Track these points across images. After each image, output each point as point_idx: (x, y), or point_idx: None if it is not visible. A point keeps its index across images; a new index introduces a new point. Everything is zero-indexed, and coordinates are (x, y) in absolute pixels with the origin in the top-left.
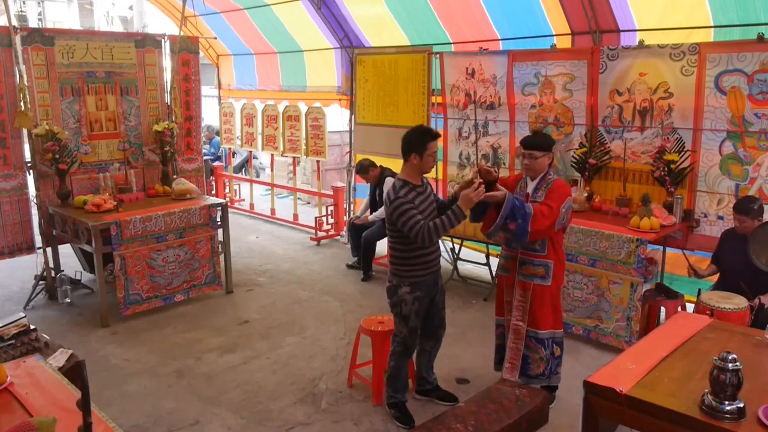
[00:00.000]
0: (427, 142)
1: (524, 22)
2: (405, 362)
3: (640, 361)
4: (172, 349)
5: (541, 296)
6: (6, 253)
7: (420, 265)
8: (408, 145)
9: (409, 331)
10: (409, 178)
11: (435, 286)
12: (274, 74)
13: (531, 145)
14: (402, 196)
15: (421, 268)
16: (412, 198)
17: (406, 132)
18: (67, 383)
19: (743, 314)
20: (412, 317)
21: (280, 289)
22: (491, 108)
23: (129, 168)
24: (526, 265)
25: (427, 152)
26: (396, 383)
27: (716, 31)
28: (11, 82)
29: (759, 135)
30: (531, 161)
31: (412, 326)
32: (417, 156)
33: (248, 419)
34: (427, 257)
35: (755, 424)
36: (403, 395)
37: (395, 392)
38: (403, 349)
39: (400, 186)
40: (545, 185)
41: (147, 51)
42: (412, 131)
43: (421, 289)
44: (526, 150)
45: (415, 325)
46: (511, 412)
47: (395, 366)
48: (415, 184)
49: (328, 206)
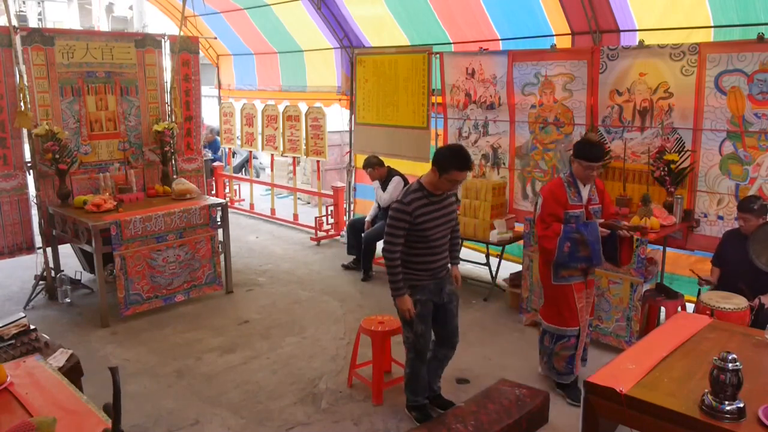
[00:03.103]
0: (451, 169)
1: (524, 22)
2: (420, 367)
3: (640, 361)
4: (172, 349)
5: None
6: (6, 253)
7: (422, 270)
8: (436, 158)
9: (416, 336)
10: (427, 184)
11: (440, 292)
12: (274, 74)
13: (601, 158)
14: (405, 203)
15: (423, 273)
16: (413, 209)
17: (443, 149)
18: (67, 383)
19: (743, 314)
20: (416, 321)
21: (280, 289)
22: (491, 108)
23: (129, 168)
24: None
25: (447, 177)
26: (415, 387)
27: (716, 31)
28: (11, 82)
29: (759, 135)
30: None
31: (418, 331)
32: (437, 173)
33: (248, 419)
34: (430, 263)
35: (755, 424)
36: (423, 398)
37: (415, 395)
38: (415, 355)
39: (413, 190)
40: (593, 186)
41: (147, 51)
42: (448, 149)
43: (423, 293)
44: (596, 163)
45: (421, 330)
46: (511, 412)
47: (411, 372)
48: (430, 192)
49: (328, 206)
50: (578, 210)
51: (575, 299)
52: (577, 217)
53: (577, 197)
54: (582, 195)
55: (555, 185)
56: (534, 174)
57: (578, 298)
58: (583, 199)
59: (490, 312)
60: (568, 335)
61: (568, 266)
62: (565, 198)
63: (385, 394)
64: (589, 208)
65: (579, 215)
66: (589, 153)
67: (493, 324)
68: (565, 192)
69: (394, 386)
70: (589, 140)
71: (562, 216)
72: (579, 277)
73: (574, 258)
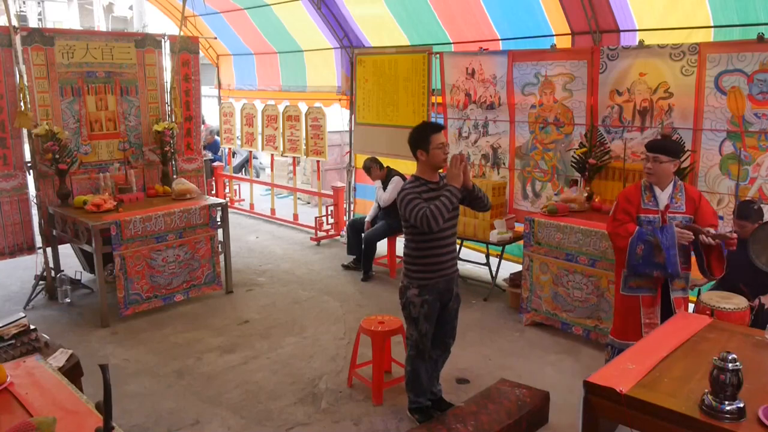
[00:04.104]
0: (430, 135)
1: (524, 22)
2: (421, 366)
3: (640, 361)
4: (172, 349)
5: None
6: (7, 253)
7: (430, 268)
8: (413, 143)
9: (420, 335)
10: (423, 174)
11: (448, 291)
12: (274, 74)
13: (658, 149)
14: (408, 189)
15: (432, 271)
16: (419, 191)
17: (410, 132)
18: (67, 383)
19: (743, 314)
20: (421, 321)
21: (280, 289)
22: (491, 108)
23: (129, 168)
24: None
25: (432, 145)
26: (416, 388)
27: (716, 31)
28: (11, 82)
29: (759, 135)
30: (655, 165)
31: (422, 330)
32: (423, 152)
33: (248, 419)
34: (439, 260)
35: (755, 424)
36: (425, 399)
37: (417, 397)
38: (416, 353)
39: (410, 181)
40: (679, 192)
41: (147, 51)
42: (414, 129)
43: (431, 292)
44: (651, 153)
45: (426, 329)
46: (511, 412)
47: (411, 370)
48: (428, 179)
49: (328, 206)
50: (652, 215)
51: (641, 314)
52: (651, 222)
53: (653, 201)
54: (658, 200)
55: (631, 188)
56: (534, 174)
57: (645, 314)
58: (660, 204)
59: (490, 312)
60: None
61: (639, 274)
62: (638, 201)
63: (385, 394)
64: (666, 215)
65: (653, 221)
66: (650, 142)
67: (493, 324)
68: (640, 195)
69: (394, 386)
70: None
71: (635, 216)
72: (649, 290)
73: (648, 263)
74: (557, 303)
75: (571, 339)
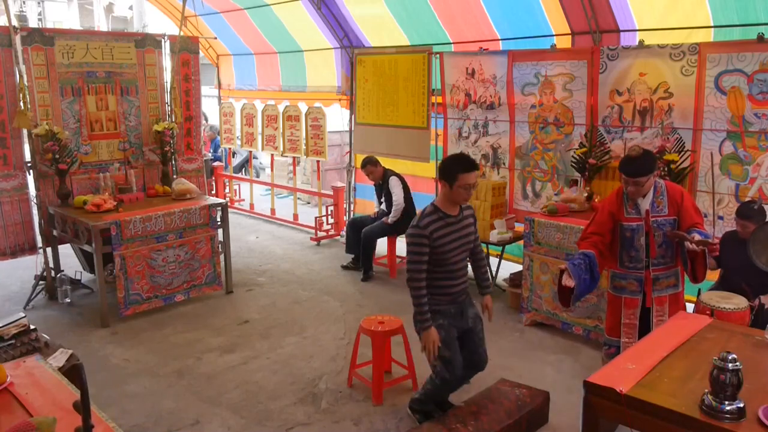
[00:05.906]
0: (458, 174)
1: (524, 22)
2: (442, 392)
3: (640, 361)
4: (172, 349)
5: (676, 303)
6: (8, 253)
7: (441, 295)
8: (440, 172)
9: (444, 363)
10: (442, 205)
11: (461, 318)
12: (274, 74)
13: (634, 173)
14: (421, 227)
15: (443, 298)
16: (431, 231)
17: (443, 158)
18: (67, 383)
19: (743, 314)
20: (442, 349)
21: (280, 289)
22: (491, 108)
23: (129, 168)
24: (660, 281)
25: (458, 183)
26: (427, 401)
27: (716, 31)
28: (11, 82)
29: (759, 135)
30: (637, 188)
31: (445, 357)
32: (447, 185)
33: (248, 419)
34: (450, 288)
35: (755, 424)
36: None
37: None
38: (441, 382)
39: (428, 213)
40: (660, 195)
41: (147, 51)
42: (448, 158)
43: (444, 317)
44: (631, 178)
45: (448, 355)
46: (511, 412)
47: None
48: (446, 213)
49: (328, 206)
50: (635, 223)
51: (622, 314)
52: (634, 230)
53: (635, 209)
54: (640, 207)
55: (612, 197)
56: (534, 174)
57: (626, 314)
58: (642, 211)
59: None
60: (608, 343)
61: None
62: (620, 211)
63: (385, 394)
64: (649, 220)
65: (636, 228)
66: (624, 166)
67: (493, 324)
68: (622, 204)
69: (394, 386)
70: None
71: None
72: (630, 293)
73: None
74: (557, 303)
75: (571, 339)
